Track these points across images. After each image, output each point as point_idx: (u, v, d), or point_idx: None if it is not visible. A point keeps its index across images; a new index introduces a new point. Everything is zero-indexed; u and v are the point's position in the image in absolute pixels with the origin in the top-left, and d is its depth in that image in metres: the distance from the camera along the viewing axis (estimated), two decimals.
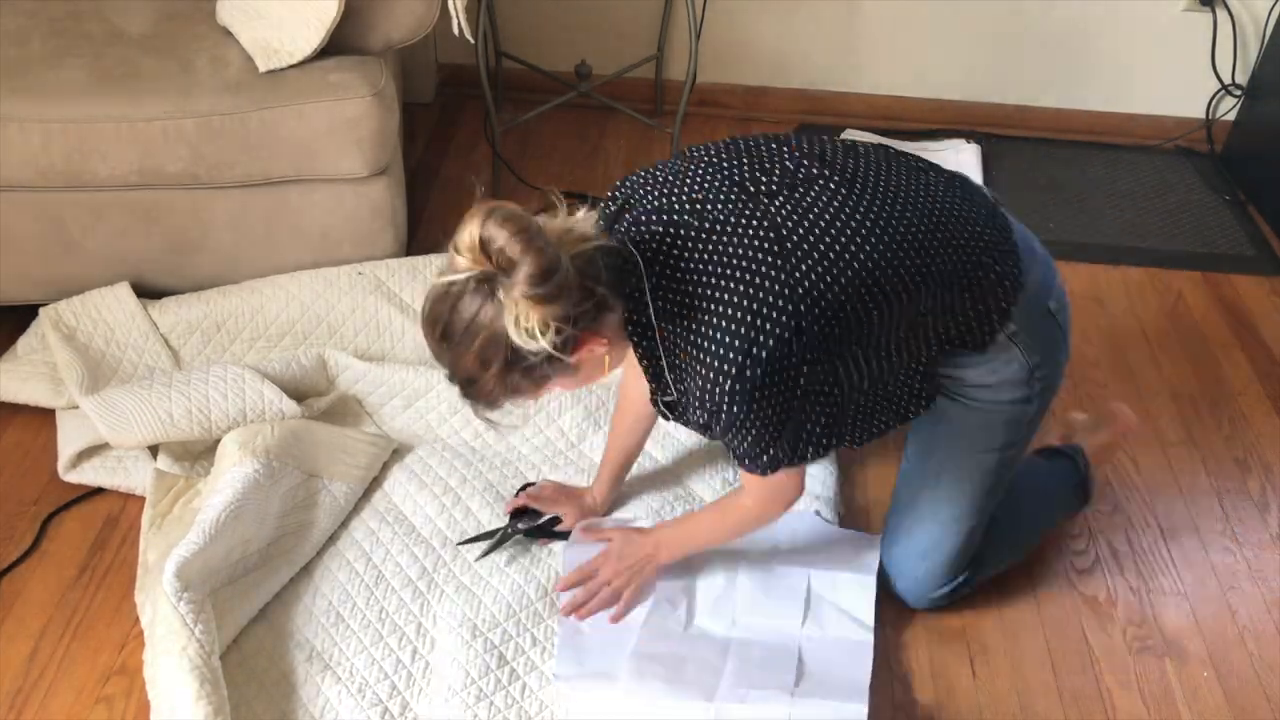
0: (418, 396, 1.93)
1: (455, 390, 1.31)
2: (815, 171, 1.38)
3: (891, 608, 1.69)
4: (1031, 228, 2.69)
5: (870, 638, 1.61)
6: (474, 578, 1.67)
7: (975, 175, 2.77)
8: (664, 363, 1.37)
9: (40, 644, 1.58)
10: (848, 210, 1.34)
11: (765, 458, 1.39)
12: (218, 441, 1.76)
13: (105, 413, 1.76)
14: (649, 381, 1.42)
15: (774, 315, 1.28)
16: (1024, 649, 1.69)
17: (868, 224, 1.34)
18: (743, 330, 1.28)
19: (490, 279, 1.20)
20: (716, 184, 1.37)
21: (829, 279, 1.30)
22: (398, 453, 1.86)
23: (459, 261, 1.21)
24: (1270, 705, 1.63)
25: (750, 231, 1.31)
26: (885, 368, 1.44)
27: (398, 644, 1.58)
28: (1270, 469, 2.03)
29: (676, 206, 1.36)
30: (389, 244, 2.13)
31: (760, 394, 1.30)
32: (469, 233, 1.19)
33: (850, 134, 2.91)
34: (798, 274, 1.29)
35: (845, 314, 1.32)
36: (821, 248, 1.31)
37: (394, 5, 2.01)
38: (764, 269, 1.29)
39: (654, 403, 1.47)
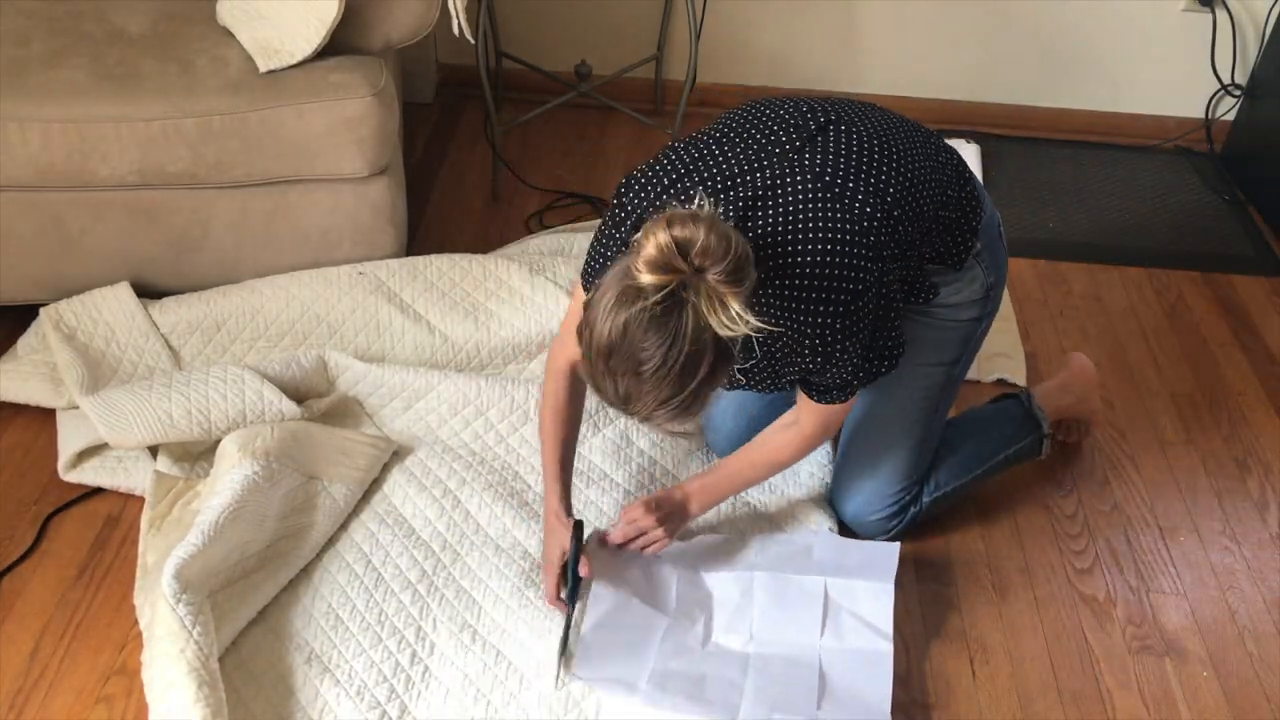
0: (418, 398, 1.93)
1: (651, 418, 1.26)
2: (822, 120, 1.48)
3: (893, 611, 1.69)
4: (1031, 228, 2.70)
5: (889, 647, 1.59)
6: (474, 581, 1.67)
7: (975, 175, 2.77)
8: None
9: (40, 644, 1.58)
10: (863, 146, 1.45)
11: (855, 382, 1.51)
12: (217, 442, 1.76)
13: (105, 413, 1.76)
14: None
15: (857, 252, 1.37)
16: (1024, 649, 1.69)
17: (880, 153, 1.46)
18: (836, 274, 1.36)
19: (681, 286, 1.18)
20: (745, 156, 1.43)
21: (880, 206, 1.41)
22: (397, 454, 1.86)
23: (645, 280, 1.18)
24: (1270, 705, 1.63)
25: (801, 186, 1.39)
26: (902, 287, 1.56)
27: (397, 647, 1.58)
28: (1270, 469, 2.03)
29: (720, 186, 1.40)
30: (389, 244, 2.13)
31: (863, 324, 1.41)
32: (657, 243, 1.17)
33: None
34: (856, 209, 1.39)
35: (898, 234, 1.44)
36: (864, 181, 1.42)
37: (394, 5, 2.01)
38: (830, 215, 1.37)
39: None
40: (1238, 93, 2.93)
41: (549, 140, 2.85)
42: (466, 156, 2.76)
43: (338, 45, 1.97)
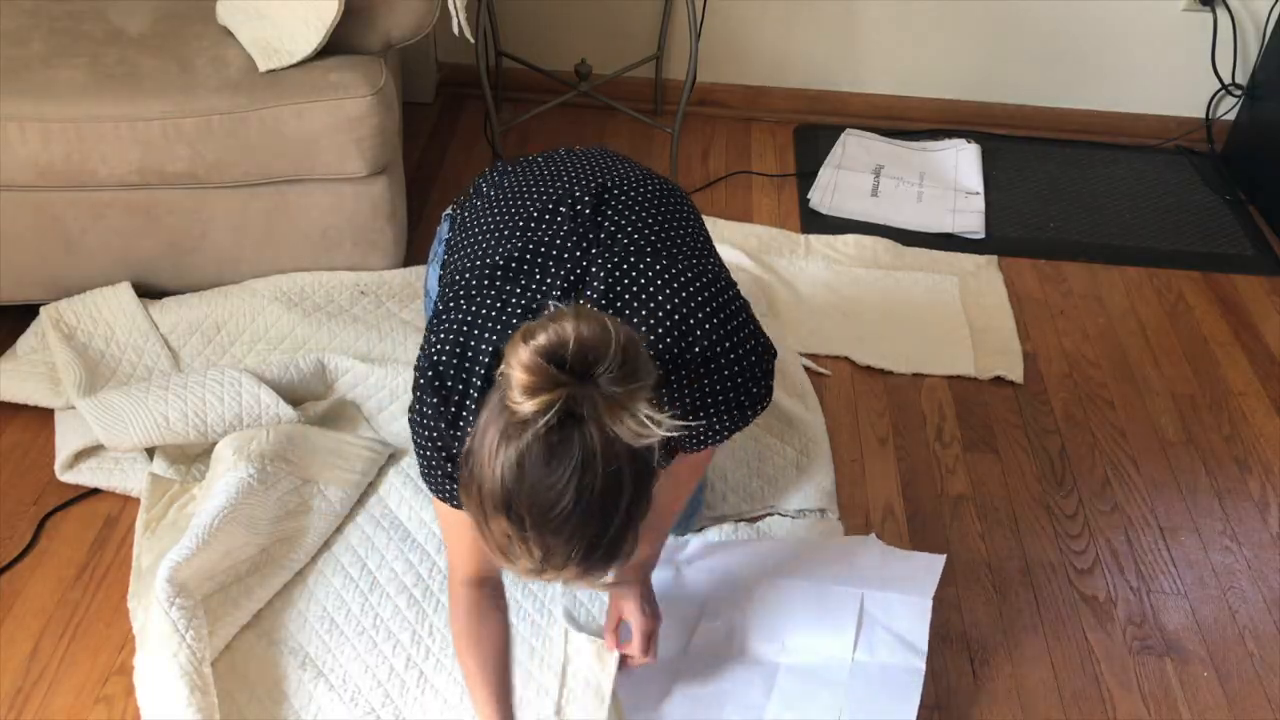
0: None
1: (578, 574, 1.04)
2: (591, 191, 1.33)
3: None
4: (1031, 228, 2.71)
5: (922, 665, 1.57)
6: None
7: (975, 175, 2.77)
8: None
9: (40, 644, 1.58)
10: (642, 200, 1.34)
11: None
12: (214, 445, 1.76)
13: (101, 415, 1.76)
14: None
15: (738, 304, 1.27)
16: (1024, 649, 1.69)
17: (657, 201, 1.36)
18: (739, 327, 1.25)
19: (571, 401, 0.97)
20: (546, 255, 1.26)
21: (709, 248, 1.35)
22: (393, 458, 1.86)
23: (526, 409, 0.96)
24: (1270, 705, 1.63)
25: (637, 259, 1.24)
26: None
27: (392, 651, 1.57)
28: (1270, 469, 2.03)
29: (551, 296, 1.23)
30: (389, 243, 2.13)
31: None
32: (522, 363, 0.96)
33: (850, 134, 2.91)
34: (702, 257, 1.30)
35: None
36: (693, 231, 1.35)
37: (394, 5, 2.01)
38: (693, 277, 1.24)
39: None
40: (1238, 92, 2.92)
41: (549, 140, 2.85)
42: (466, 156, 2.76)
43: (338, 45, 1.97)
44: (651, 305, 1.21)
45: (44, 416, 1.91)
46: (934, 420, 2.07)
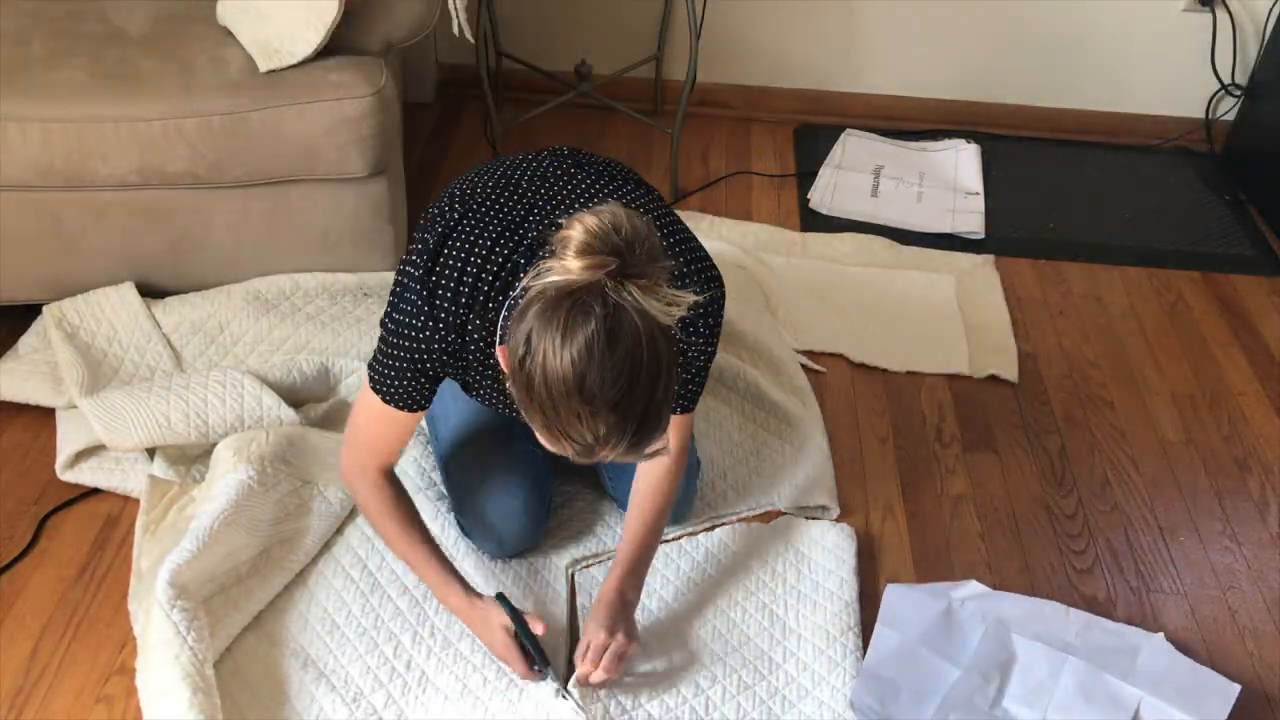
0: None
1: (630, 447, 1.18)
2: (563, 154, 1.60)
3: None
4: (1031, 228, 2.71)
5: None
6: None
7: (975, 175, 2.77)
8: None
9: (40, 643, 1.58)
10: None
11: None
12: (214, 446, 1.76)
13: (103, 414, 1.76)
14: None
15: (698, 244, 1.49)
16: None
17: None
18: (701, 264, 1.45)
19: (614, 285, 1.12)
20: (538, 194, 1.48)
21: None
22: None
23: (574, 266, 1.11)
24: (1270, 705, 1.63)
25: (621, 192, 1.50)
26: None
27: (393, 652, 1.57)
28: (1270, 469, 2.03)
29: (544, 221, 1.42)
30: (389, 244, 2.13)
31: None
32: (585, 227, 1.12)
33: (850, 134, 2.91)
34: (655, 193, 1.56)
35: None
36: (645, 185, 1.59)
37: (394, 5, 2.01)
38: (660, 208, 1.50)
39: None
40: (1238, 93, 2.93)
41: (549, 140, 2.82)
42: (466, 156, 2.76)
43: (338, 45, 1.97)
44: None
45: (44, 417, 1.91)
46: (934, 420, 2.07)
